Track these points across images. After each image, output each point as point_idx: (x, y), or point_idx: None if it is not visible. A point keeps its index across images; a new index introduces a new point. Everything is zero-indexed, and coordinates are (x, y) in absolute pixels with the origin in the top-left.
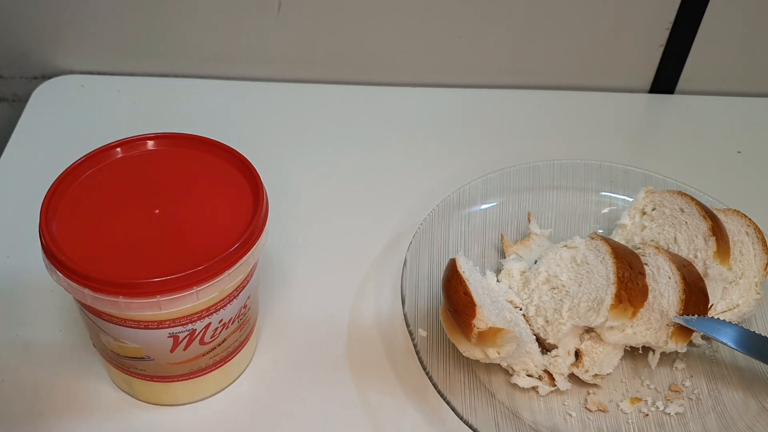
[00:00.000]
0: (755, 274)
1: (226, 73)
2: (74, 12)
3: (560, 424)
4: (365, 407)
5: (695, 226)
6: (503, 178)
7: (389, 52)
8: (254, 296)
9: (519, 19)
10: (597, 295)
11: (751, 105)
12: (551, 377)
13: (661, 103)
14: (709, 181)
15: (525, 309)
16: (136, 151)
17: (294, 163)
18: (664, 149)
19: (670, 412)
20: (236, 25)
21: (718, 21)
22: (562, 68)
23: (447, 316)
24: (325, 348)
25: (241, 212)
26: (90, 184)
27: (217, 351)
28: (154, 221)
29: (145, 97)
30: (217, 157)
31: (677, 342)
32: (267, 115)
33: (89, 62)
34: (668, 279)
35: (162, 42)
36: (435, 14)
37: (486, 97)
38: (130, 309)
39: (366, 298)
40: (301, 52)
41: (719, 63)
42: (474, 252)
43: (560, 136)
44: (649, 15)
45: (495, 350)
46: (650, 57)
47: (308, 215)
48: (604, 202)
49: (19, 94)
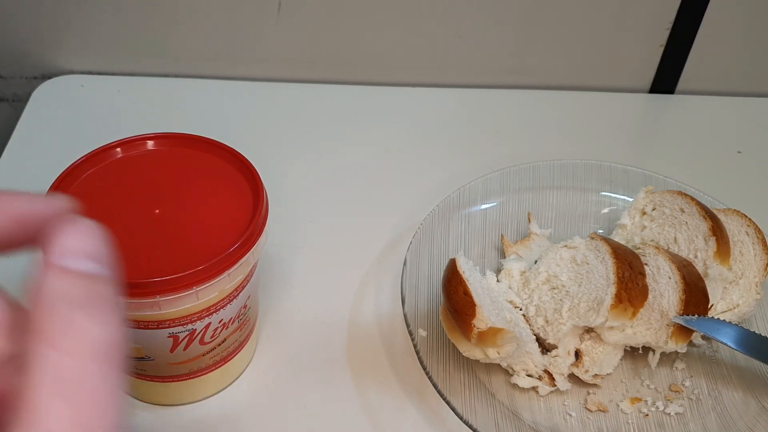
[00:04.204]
0: (755, 274)
1: (226, 73)
2: (74, 12)
3: (560, 424)
4: (365, 407)
5: (695, 226)
6: (503, 178)
7: (389, 52)
8: (254, 296)
9: (519, 19)
10: (597, 295)
11: (751, 105)
12: (551, 377)
13: (661, 103)
14: (709, 181)
15: (525, 309)
16: (136, 151)
17: (294, 163)
18: (664, 149)
19: (670, 412)
20: (236, 25)
21: (718, 21)
22: (563, 68)
23: (447, 316)
24: (325, 348)
25: (241, 212)
26: (90, 184)
27: (217, 351)
28: (154, 221)
29: (145, 97)
30: (217, 157)
31: (677, 342)
32: (267, 115)
33: (89, 62)
34: (668, 279)
35: (162, 42)
36: (435, 14)
37: (486, 97)
38: (129, 309)
39: (366, 298)
40: (301, 52)
41: (719, 63)
42: (474, 252)
43: (560, 136)
44: (649, 15)
45: (495, 350)
46: (650, 57)
47: (308, 215)
48: (604, 202)
49: (19, 94)
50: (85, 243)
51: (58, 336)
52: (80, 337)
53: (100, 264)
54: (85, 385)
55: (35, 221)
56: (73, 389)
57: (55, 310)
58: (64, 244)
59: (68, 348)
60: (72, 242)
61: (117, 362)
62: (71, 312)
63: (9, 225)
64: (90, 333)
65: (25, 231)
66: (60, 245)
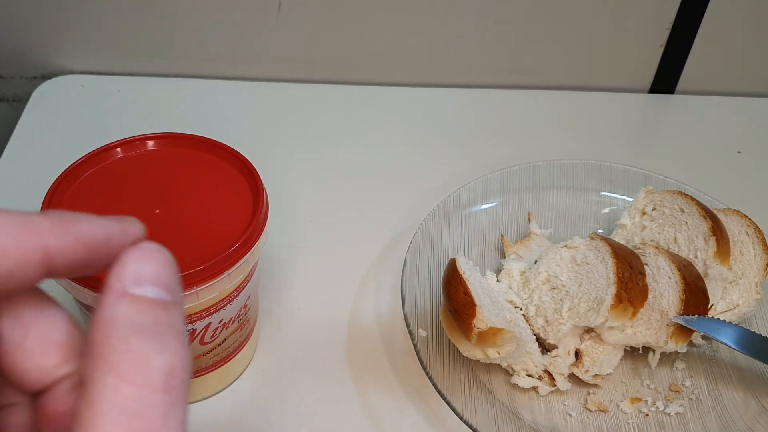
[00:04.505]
0: (755, 274)
1: (226, 73)
2: (74, 12)
3: (560, 424)
4: (365, 407)
5: (695, 226)
6: (503, 178)
7: (389, 52)
8: (254, 296)
9: (519, 19)
10: (597, 295)
11: (751, 105)
12: (551, 377)
13: (661, 103)
14: (709, 181)
15: (525, 309)
16: (136, 151)
17: (294, 163)
18: (664, 149)
19: (670, 412)
20: (236, 25)
21: (718, 21)
22: (563, 68)
23: (447, 316)
24: (325, 348)
25: (241, 212)
26: (90, 184)
27: (218, 351)
28: (154, 221)
29: (145, 97)
30: (217, 157)
31: (677, 342)
32: (267, 115)
33: (89, 62)
34: (668, 279)
35: (162, 42)
36: (435, 14)
37: (486, 97)
38: None
39: (366, 298)
40: (301, 52)
41: (719, 63)
42: (474, 252)
43: (560, 136)
44: (649, 15)
45: (495, 350)
46: (650, 57)
47: (308, 215)
48: (604, 202)
49: (19, 94)
50: (153, 269)
51: (123, 365)
52: (146, 367)
53: (167, 291)
54: (151, 417)
55: (105, 246)
56: (138, 421)
57: (122, 337)
58: (133, 270)
59: (134, 378)
60: (141, 268)
61: (183, 392)
62: (138, 340)
63: (79, 249)
64: (156, 362)
65: (95, 255)
66: (129, 271)
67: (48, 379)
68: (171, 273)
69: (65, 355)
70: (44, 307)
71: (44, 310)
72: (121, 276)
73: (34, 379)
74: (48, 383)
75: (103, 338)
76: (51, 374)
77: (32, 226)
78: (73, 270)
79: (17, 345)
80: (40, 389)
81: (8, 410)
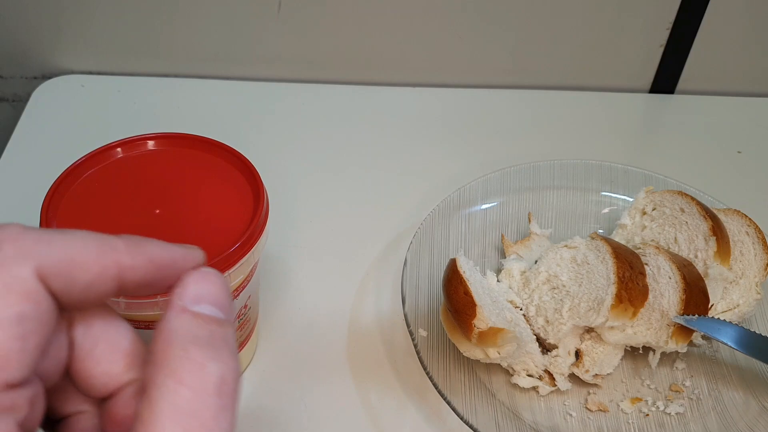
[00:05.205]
0: (755, 274)
1: (226, 73)
2: (74, 12)
3: (560, 424)
4: (365, 407)
5: (695, 226)
6: (503, 178)
7: (389, 52)
8: (254, 296)
9: (519, 20)
10: (597, 295)
11: (751, 105)
12: (551, 377)
13: (661, 103)
14: (709, 181)
15: (525, 309)
16: (136, 151)
17: (294, 163)
18: (664, 149)
19: (670, 412)
20: (236, 25)
21: (718, 21)
22: (562, 68)
23: (447, 316)
24: (325, 348)
25: (242, 212)
26: (90, 184)
27: None
28: (154, 221)
29: (145, 97)
30: (217, 157)
31: (677, 342)
32: (267, 115)
33: (89, 62)
34: (668, 279)
35: (162, 42)
36: (435, 14)
37: (486, 97)
38: (130, 309)
39: (366, 298)
40: (301, 52)
41: (719, 63)
42: (474, 252)
43: (560, 136)
44: (649, 15)
45: (495, 350)
46: (650, 57)
47: (308, 215)
48: (605, 202)
49: (19, 94)
50: (211, 291)
51: (182, 370)
52: (202, 373)
53: (222, 311)
54: (204, 417)
55: (170, 267)
56: (193, 420)
57: (181, 346)
58: (194, 290)
59: (191, 382)
60: (201, 290)
61: (233, 398)
62: (195, 349)
63: (149, 268)
64: (211, 370)
65: (161, 275)
66: (189, 291)
67: (113, 384)
68: (226, 295)
69: (130, 363)
70: (112, 320)
71: (112, 322)
72: (183, 295)
73: (102, 384)
74: (113, 389)
75: (164, 347)
76: (116, 380)
77: (110, 246)
78: (140, 287)
79: (88, 352)
80: (106, 395)
81: (77, 417)
